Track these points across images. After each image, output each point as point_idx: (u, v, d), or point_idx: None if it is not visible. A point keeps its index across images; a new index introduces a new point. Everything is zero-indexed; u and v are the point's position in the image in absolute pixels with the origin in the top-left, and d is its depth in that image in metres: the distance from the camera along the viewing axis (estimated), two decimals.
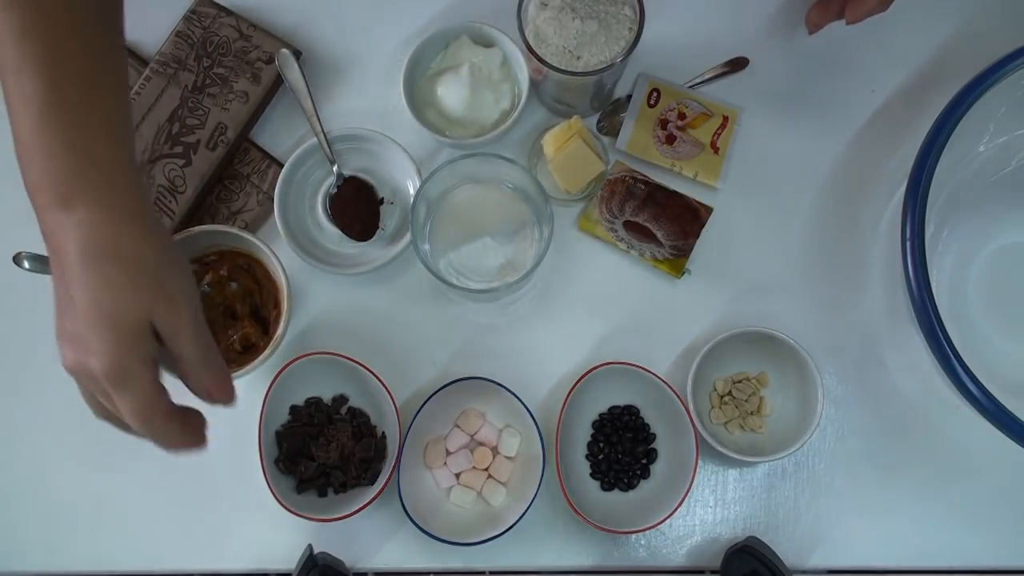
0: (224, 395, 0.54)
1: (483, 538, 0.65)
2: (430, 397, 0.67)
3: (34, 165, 0.47)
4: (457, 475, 0.70)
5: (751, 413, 0.71)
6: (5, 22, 0.46)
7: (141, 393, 0.48)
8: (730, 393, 0.71)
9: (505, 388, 0.67)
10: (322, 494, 0.69)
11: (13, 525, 0.72)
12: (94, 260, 0.47)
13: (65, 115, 0.47)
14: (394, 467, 0.66)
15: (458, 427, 0.70)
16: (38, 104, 0.46)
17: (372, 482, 0.68)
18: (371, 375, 0.68)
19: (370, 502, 0.65)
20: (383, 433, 0.70)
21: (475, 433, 0.70)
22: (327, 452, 0.68)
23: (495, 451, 0.70)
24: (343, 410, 0.71)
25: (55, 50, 0.47)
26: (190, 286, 0.51)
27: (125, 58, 0.52)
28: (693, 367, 0.68)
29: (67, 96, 0.47)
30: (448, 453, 0.70)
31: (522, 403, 0.67)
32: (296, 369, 0.67)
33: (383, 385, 0.67)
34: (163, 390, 0.50)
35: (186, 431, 0.51)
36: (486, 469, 0.70)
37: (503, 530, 0.65)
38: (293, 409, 0.70)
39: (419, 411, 0.67)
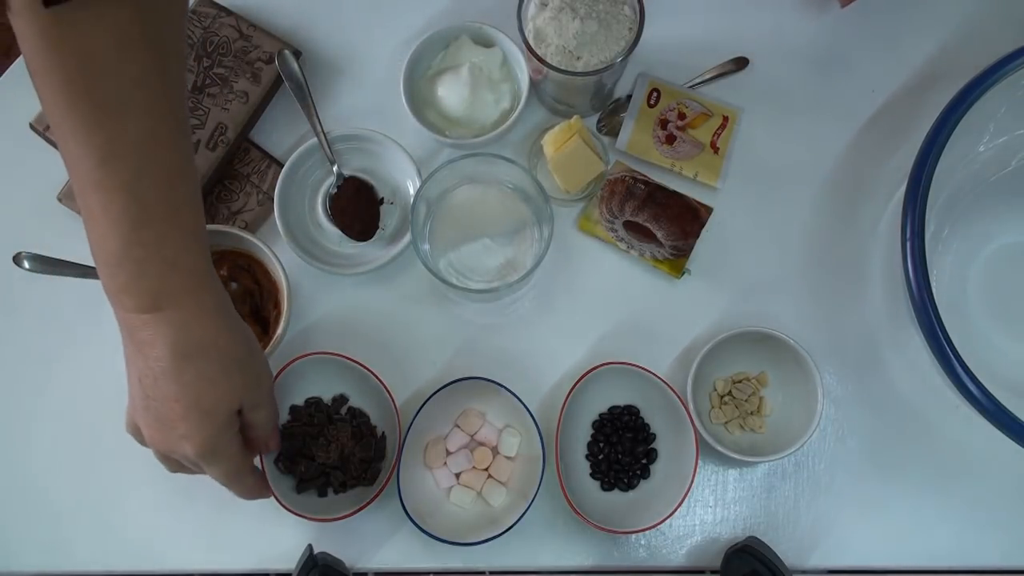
0: (275, 447, 0.65)
1: (483, 538, 0.65)
2: (430, 397, 0.67)
3: (123, 273, 0.50)
4: (457, 475, 0.70)
5: (751, 413, 0.71)
6: (89, 143, 0.47)
7: (232, 462, 0.57)
8: (730, 393, 0.71)
9: (505, 388, 0.67)
10: (322, 494, 0.69)
11: (13, 525, 0.71)
12: (186, 357, 0.51)
13: (154, 230, 0.49)
14: (394, 467, 0.66)
15: (458, 427, 0.70)
16: (128, 223, 0.49)
17: (372, 482, 0.68)
18: (371, 375, 0.68)
19: (370, 502, 0.65)
20: (383, 433, 0.70)
21: (475, 433, 0.70)
22: (327, 452, 0.68)
23: (495, 451, 0.70)
24: (343, 410, 0.71)
25: (142, 170, 0.48)
26: (266, 365, 0.59)
27: (195, 163, 0.54)
28: (693, 367, 0.68)
29: (154, 215, 0.49)
30: (448, 453, 0.70)
31: (522, 403, 0.67)
32: (296, 369, 0.67)
33: (383, 385, 0.67)
34: (247, 453, 0.59)
35: (262, 484, 0.63)
36: (486, 469, 0.70)
37: (503, 530, 0.65)
38: (293, 409, 0.70)
39: (419, 411, 0.67)
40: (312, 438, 0.69)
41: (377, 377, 0.68)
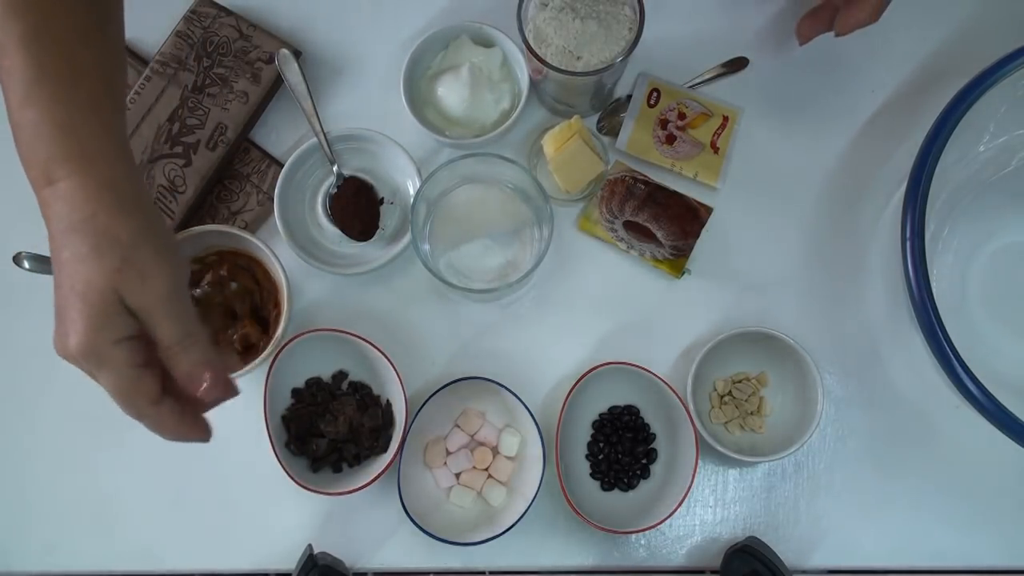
0: (217, 389, 0.49)
1: (483, 538, 0.65)
2: (430, 397, 0.67)
3: (21, 142, 0.47)
4: (457, 475, 0.70)
5: (751, 413, 0.71)
6: None
7: (117, 373, 0.46)
8: (730, 393, 0.71)
9: (505, 388, 0.67)
10: (337, 469, 0.69)
11: (13, 525, 0.72)
12: (67, 233, 0.46)
13: (47, 90, 0.47)
14: (405, 430, 0.66)
15: (458, 427, 0.70)
16: (22, 81, 0.46)
17: (385, 449, 0.68)
18: (367, 344, 0.68)
19: (386, 469, 0.66)
20: (387, 401, 0.70)
21: (475, 433, 0.70)
22: (335, 427, 0.69)
23: (495, 451, 0.70)
24: (344, 385, 0.71)
25: (38, 27, 0.47)
26: (168, 265, 0.47)
27: (117, 38, 0.52)
28: (693, 367, 0.68)
29: (49, 72, 0.47)
30: (448, 453, 0.70)
31: (522, 403, 0.67)
32: (292, 352, 0.67)
33: (381, 352, 0.68)
34: (146, 372, 0.47)
35: (182, 419, 0.48)
36: (486, 469, 0.70)
37: (503, 530, 0.65)
38: (295, 392, 0.70)
39: (419, 411, 0.67)
40: (318, 416, 0.69)
41: (373, 345, 0.68)
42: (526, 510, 0.66)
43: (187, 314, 0.48)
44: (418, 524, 0.65)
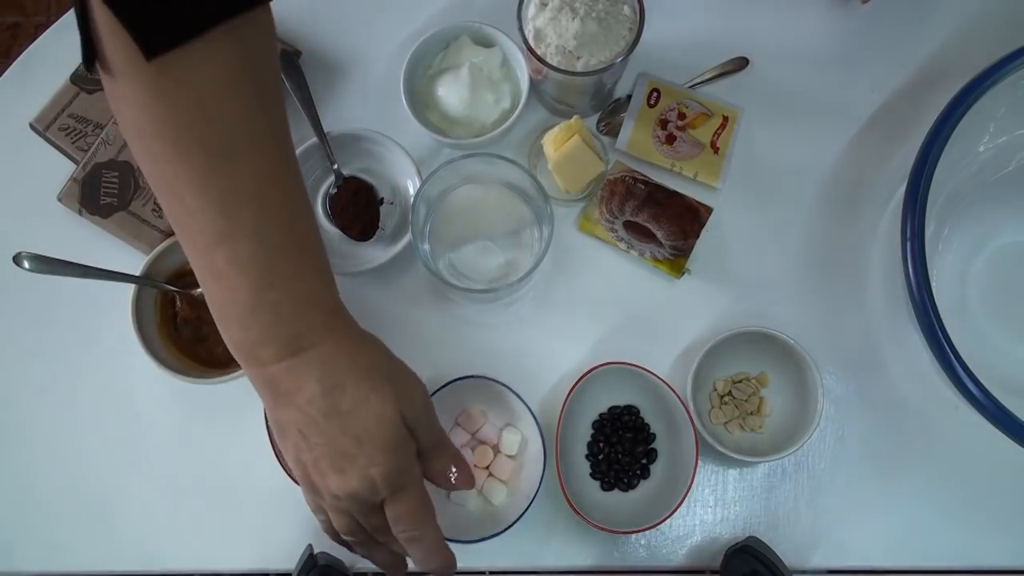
0: (464, 478, 0.57)
1: (483, 536, 0.65)
2: (431, 395, 0.67)
3: (258, 324, 0.48)
4: None
5: (751, 413, 0.71)
6: (206, 194, 0.46)
7: (420, 489, 0.52)
8: (730, 393, 0.71)
9: (506, 387, 0.67)
10: None
11: (13, 525, 0.72)
12: (336, 389, 0.49)
13: (284, 272, 0.48)
14: None
15: (459, 425, 0.70)
16: (258, 269, 0.47)
17: None
18: None
19: None
20: None
21: (476, 431, 0.70)
22: None
23: (496, 450, 0.70)
24: None
25: (263, 216, 0.47)
26: (412, 373, 0.54)
27: (308, 199, 0.52)
28: (693, 367, 0.68)
29: (283, 256, 0.48)
30: None
31: (523, 402, 0.67)
32: None
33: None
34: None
35: (441, 538, 0.54)
36: (487, 467, 0.70)
37: (503, 528, 0.65)
38: None
39: None
40: None
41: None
42: (527, 508, 0.66)
43: (435, 415, 0.55)
44: None
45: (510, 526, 0.65)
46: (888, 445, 0.72)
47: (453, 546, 0.65)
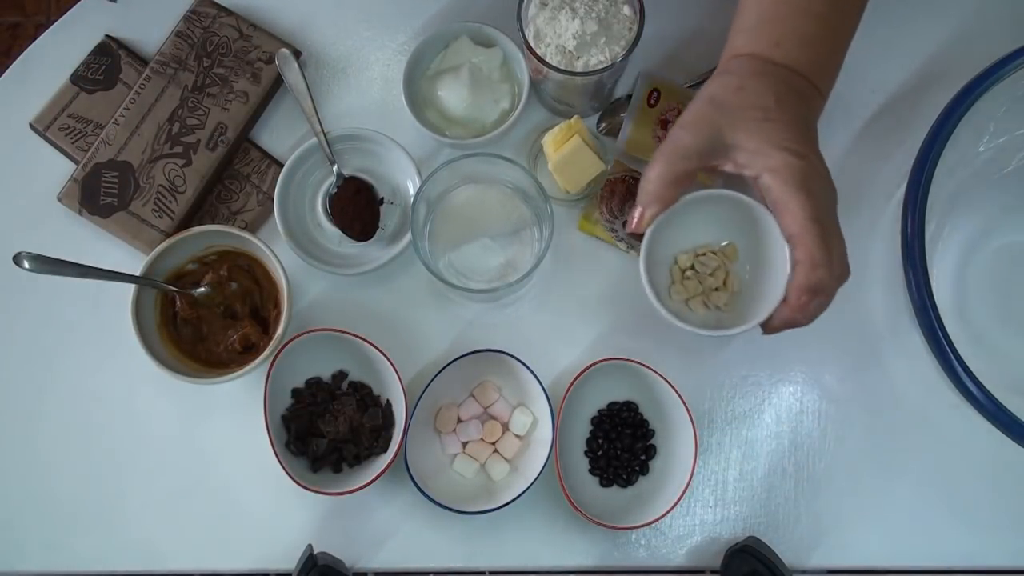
0: None
1: (479, 509, 0.65)
2: (452, 362, 0.68)
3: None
4: (464, 444, 0.70)
5: (715, 289, 0.65)
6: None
7: None
8: (692, 267, 0.65)
9: (527, 367, 0.67)
10: (337, 469, 0.69)
11: (13, 525, 0.72)
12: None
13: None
14: (405, 429, 0.66)
15: (473, 397, 0.71)
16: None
17: (385, 449, 0.68)
18: (368, 345, 0.68)
19: (387, 468, 0.66)
20: (387, 401, 0.70)
21: (489, 406, 0.71)
22: (335, 427, 0.69)
23: (505, 427, 0.70)
24: (344, 385, 0.72)
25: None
26: None
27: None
28: (645, 240, 0.62)
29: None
30: (459, 421, 0.70)
31: (541, 386, 0.67)
32: (292, 352, 0.67)
33: (381, 353, 0.68)
34: None
35: None
36: (493, 443, 0.70)
37: (500, 505, 0.65)
38: (295, 392, 0.70)
39: (438, 374, 0.68)
40: (318, 416, 0.69)
41: (374, 345, 0.68)
42: (525, 489, 0.65)
43: None
44: (419, 486, 0.65)
45: (506, 504, 0.65)
46: (888, 445, 0.72)
47: (453, 547, 0.66)
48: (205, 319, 0.70)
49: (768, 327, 0.61)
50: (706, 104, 0.59)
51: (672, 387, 0.68)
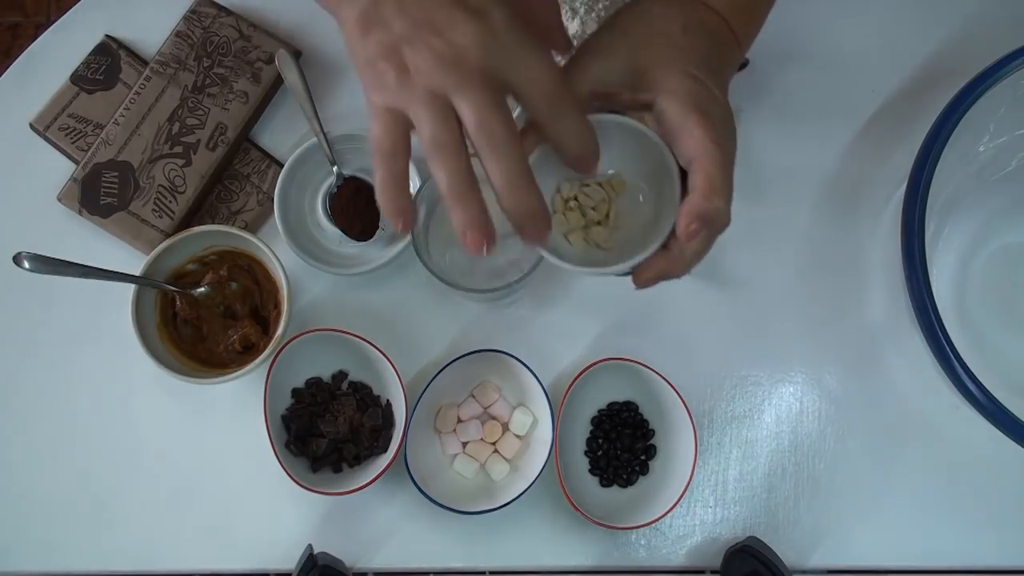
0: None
1: (479, 509, 0.65)
2: (452, 362, 0.68)
3: None
4: (464, 444, 0.70)
5: (597, 223, 0.56)
6: None
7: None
8: (575, 198, 0.56)
9: (527, 367, 0.67)
10: (337, 469, 0.69)
11: (13, 525, 0.72)
12: None
13: None
14: (405, 429, 0.67)
15: (473, 397, 0.71)
16: None
17: (385, 449, 0.68)
18: (368, 345, 0.68)
19: (386, 468, 0.66)
20: (387, 401, 0.70)
21: (489, 406, 0.71)
22: (335, 427, 0.69)
23: (505, 427, 0.70)
24: (344, 385, 0.72)
25: None
26: None
27: None
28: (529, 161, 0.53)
29: None
30: (459, 421, 0.70)
31: (541, 385, 0.67)
32: (292, 352, 0.67)
33: (381, 353, 0.68)
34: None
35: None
36: (493, 443, 0.70)
37: (500, 504, 0.65)
38: (295, 392, 0.70)
39: (438, 374, 0.68)
40: (318, 416, 0.69)
41: (374, 346, 0.68)
42: (525, 489, 0.66)
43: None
44: (419, 486, 0.65)
45: (506, 505, 0.65)
46: (888, 445, 0.72)
47: (453, 547, 0.66)
48: (205, 319, 0.70)
49: (640, 277, 0.54)
50: (609, 31, 0.53)
51: (672, 387, 0.68)
